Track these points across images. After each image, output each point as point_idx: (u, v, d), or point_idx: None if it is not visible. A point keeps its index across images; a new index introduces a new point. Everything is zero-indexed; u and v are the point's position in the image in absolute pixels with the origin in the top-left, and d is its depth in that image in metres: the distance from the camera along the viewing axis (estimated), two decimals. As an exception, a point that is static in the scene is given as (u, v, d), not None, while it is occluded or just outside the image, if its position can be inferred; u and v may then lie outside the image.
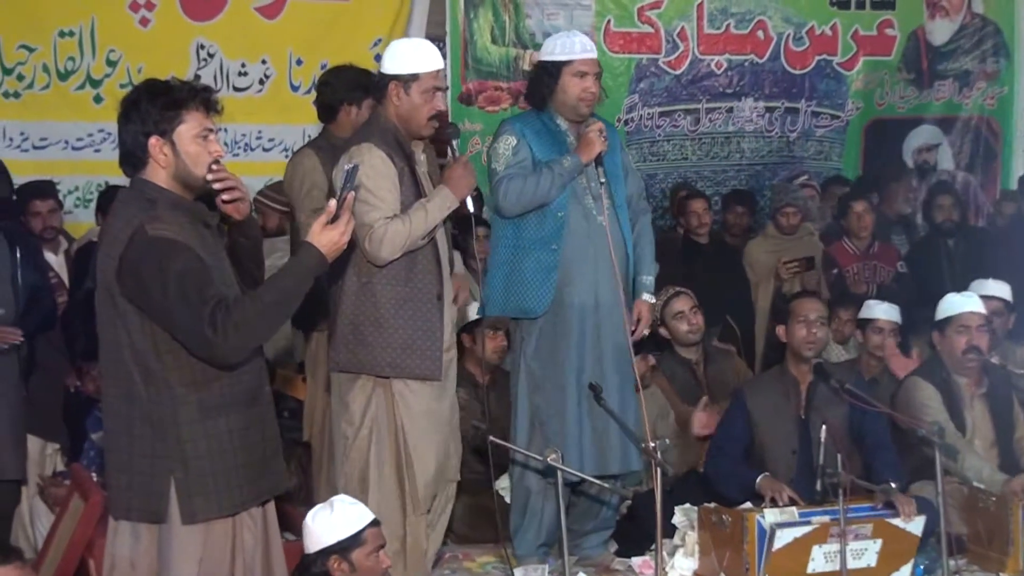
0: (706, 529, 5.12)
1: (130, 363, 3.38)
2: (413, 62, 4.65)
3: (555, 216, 5.05)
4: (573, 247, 5.06)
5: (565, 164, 5.02)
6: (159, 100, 3.38)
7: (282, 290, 3.37)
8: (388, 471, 4.71)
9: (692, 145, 8.86)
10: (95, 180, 6.86)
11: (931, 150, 9.39)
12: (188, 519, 3.39)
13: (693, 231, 7.57)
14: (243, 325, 3.28)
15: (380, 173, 4.57)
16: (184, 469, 3.38)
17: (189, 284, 3.28)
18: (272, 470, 3.59)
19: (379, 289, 4.63)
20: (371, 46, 7.74)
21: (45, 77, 7.17)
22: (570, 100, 5.07)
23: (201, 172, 3.42)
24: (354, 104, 5.58)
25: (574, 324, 5.08)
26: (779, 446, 5.35)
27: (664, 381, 6.31)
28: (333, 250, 3.36)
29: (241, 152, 7.50)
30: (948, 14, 9.33)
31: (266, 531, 3.63)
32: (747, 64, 8.89)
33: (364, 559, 3.96)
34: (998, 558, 5.22)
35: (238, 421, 3.46)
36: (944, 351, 5.67)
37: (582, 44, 5.07)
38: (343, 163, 3.38)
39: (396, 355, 4.64)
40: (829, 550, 4.84)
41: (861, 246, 7.60)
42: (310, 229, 3.39)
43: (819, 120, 9.10)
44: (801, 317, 5.43)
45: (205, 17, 7.46)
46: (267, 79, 7.58)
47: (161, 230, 3.31)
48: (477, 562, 5.45)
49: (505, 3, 8.18)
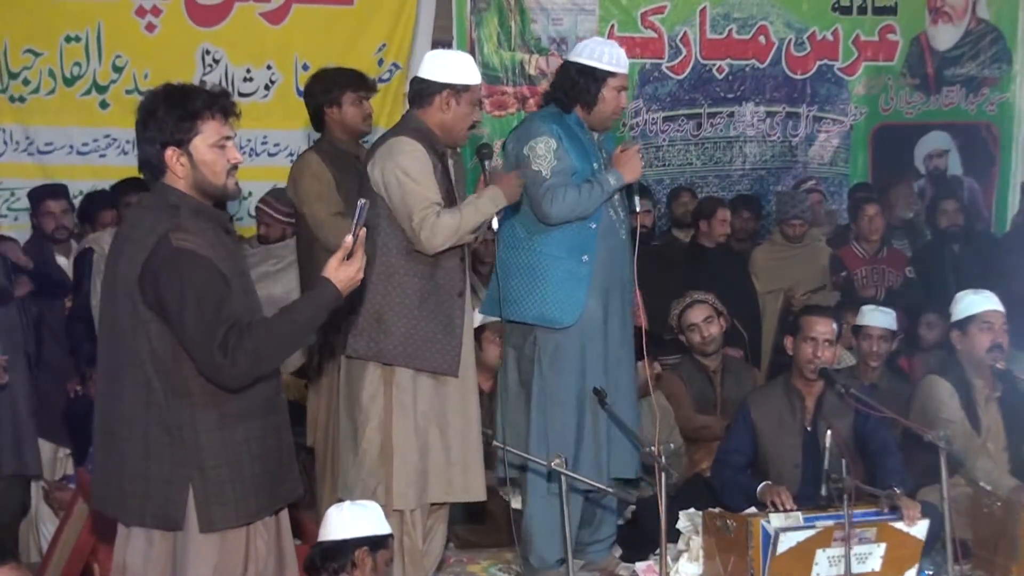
0: (710, 534, 5.11)
1: (150, 370, 3.39)
2: (465, 73, 4.71)
3: (588, 228, 5.04)
4: (599, 260, 5.06)
5: (611, 182, 5.03)
6: (175, 111, 3.39)
7: (296, 323, 3.41)
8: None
9: (695, 150, 8.87)
10: (100, 185, 6.85)
11: (942, 156, 9.40)
12: (206, 527, 3.40)
13: (712, 237, 7.55)
14: (253, 352, 3.31)
15: (423, 163, 4.62)
16: (202, 477, 3.39)
17: (207, 302, 3.30)
18: (287, 478, 3.60)
19: (405, 280, 4.65)
20: (375, 51, 7.75)
21: (51, 82, 7.16)
22: (605, 112, 5.07)
23: (219, 181, 3.45)
24: (334, 104, 5.59)
25: (588, 335, 5.07)
26: (783, 458, 5.35)
27: (680, 385, 6.33)
28: (348, 286, 3.42)
29: (247, 157, 7.49)
30: (951, 19, 9.34)
31: (279, 539, 3.64)
32: (748, 69, 8.89)
33: (383, 563, 4.01)
34: (1004, 564, 5.23)
35: (255, 430, 3.47)
36: (964, 350, 5.62)
37: (625, 59, 5.09)
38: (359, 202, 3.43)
39: (416, 347, 4.65)
40: (833, 554, 4.84)
41: (871, 250, 7.60)
42: (327, 264, 3.43)
43: (821, 125, 9.11)
44: (810, 335, 5.39)
45: (211, 23, 7.46)
46: (273, 84, 7.58)
47: (185, 241, 3.33)
48: (480, 565, 5.47)
49: (511, 8, 8.19)
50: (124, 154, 7.08)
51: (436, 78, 4.71)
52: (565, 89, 5.09)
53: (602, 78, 5.01)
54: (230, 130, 3.46)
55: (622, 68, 5.05)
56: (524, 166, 5.01)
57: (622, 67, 5.05)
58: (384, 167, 4.64)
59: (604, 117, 5.09)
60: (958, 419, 5.29)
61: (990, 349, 5.55)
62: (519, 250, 5.09)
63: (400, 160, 4.61)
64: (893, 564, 4.96)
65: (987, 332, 5.56)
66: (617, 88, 5.04)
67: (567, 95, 5.08)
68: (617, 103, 5.07)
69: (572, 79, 5.07)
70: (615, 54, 5.04)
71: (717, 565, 5.06)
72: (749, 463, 5.42)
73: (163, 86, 3.51)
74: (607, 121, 5.12)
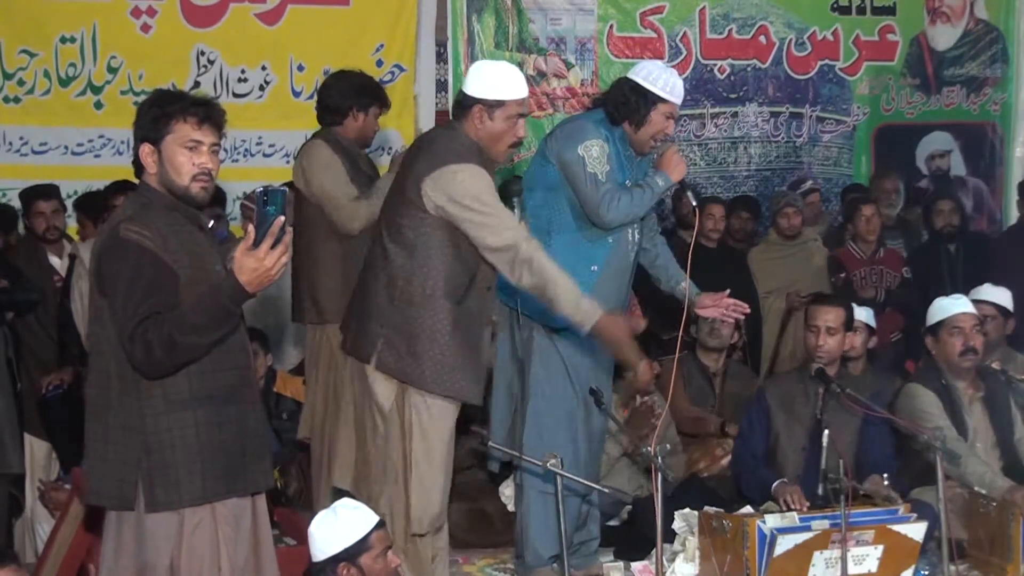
0: (706, 534, 5.10)
1: (108, 356, 3.50)
2: (499, 88, 4.54)
3: (605, 240, 5.03)
4: (606, 274, 5.05)
5: (660, 184, 5.04)
6: (154, 110, 3.52)
7: (202, 314, 3.38)
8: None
9: (699, 151, 8.86)
10: (95, 184, 6.86)
11: (944, 156, 9.38)
12: (150, 507, 3.48)
13: (706, 235, 7.56)
14: (165, 343, 3.35)
15: (488, 181, 4.50)
16: (148, 459, 3.47)
17: (134, 292, 3.38)
18: (253, 468, 3.63)
19: (441, 304, 4.52)
20: (373, 51, 7.75)
21: (46, 82, 7.19)
22: (648, 134, 5.04)
23: (182, 182, 3.51)
24: (362, 111, 5.58)
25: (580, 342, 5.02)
26: (791, 442, 5.38)
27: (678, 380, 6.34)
28: (257, 277, 3.32)
29: (241, 158, 7.51)
30: (950, 20, 9.33)
31: (255, 529, 3.68)
32: (750, 69, 8.89)
33: (372, 563, 3.96)
34: (999, 564, 5.21)
35: (208, 416, 3.51)
36: (939, 355, 5.65)
37: (681, 89, 5.06)
38: (257, 189, 3.36)
39: (444, 373, 4.53)
40: (831, 556, 4.83)
41: (868, 250, 7.58)
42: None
43: (825, 125, 9.10)
44: (813, 323, 5.46)
45: (206, 24, 7.47)
46: (267, 85, 7.59)
47: (132, 232, 3.42)
48: (477, 565, 5.46)
49: (508, 9, 8.18)
50: (119, 154, 7.09)
51: (470, 91, 4.59)
52: (617, 103, 5.06)
53: (653, 101, 4.99)
54: (206, 136, 3.51)
55: (675, 98, 5.02)
56: (574, 166, 4.96)
57: (675, 96, 5.02)
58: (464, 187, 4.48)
59: (646, 139, 5.06)
60: (944, 426, 5.28)
61: (962, 352, 5.55)
62: None
63: (470, 186, 4.46)
64: (890, 565, 4.95)
65: (957, 336, 5.57)
66: (666, 115, 5.02)
67: (618, 109, 5.05)
68: (663, 128, 5.05)
69: (625, 95, 5.04)
70: (672, 82, 5.01)
71: (713, 565, 5.04)
72: (766, 450, 5.44)
73: (156, 90, 3.68)
74: (648, 144, 5.08)
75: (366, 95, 5.59)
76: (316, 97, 5.76)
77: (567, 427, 5.08)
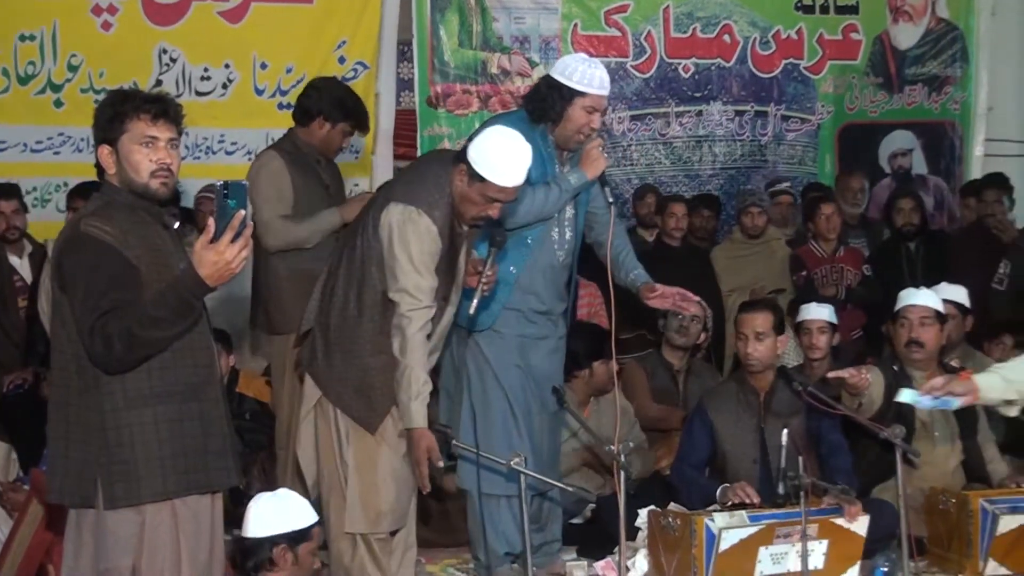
0: (655, 533, 5.08)
1: (68, 353, 3.49)
2: (491, 169, 4.31)
3: (524, 241, 4.96)
4: (526, 276, 4.99)
5: (572, 181, 4.94)
6: (108, 111, 3.52)
7: (161, 308, 3.36)
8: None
9: (664, 149, 8.87)
10: (54, 181, 6.86)
11: (906, 155, 9.44)
12: (109, 504, 3.47)
13: (668, 234, 7.57)
14: (124, 338, 3.33)
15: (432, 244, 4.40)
16: (108, 455, 3.46)
17: (93, 286, 3.36)
18: (216, 466, 3.61)
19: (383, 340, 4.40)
20: (335, 48, 7.73)
21: (5, 80, 7.14)
22: (569, 130, 4.91)
23: (141, 179, 3.50)
24: (329, 121, 5.57)
25: (513, 346, 5.01)
26: (741, 455, 5.35)
27: (641, 375, 6.36)
28: (216, 271, 3.30)
29: (203, 155, 7.49)
30: (911, 19, 9.38)
31: (212, 525, 3.67)
32: (714, 68, 8.90)
33: (307, 555, 3.98)
34: (958, 560, 5.23)
35: (169, 413, 3.50)
36: (894, 343, 5.73)
37: (601, 80, 4.87)
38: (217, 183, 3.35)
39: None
40: (777, 551, 4.83)
41: (828, 249, 7.62)
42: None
43: (789, 124, 9.13)
44: (742, 332, 5.41)
45: (168, 22, 7.43)
46: (230, 83, 7.56)
47: (93, 227, 3.42)
48: (439, 565, 5.46)
49: (472, 7, 8.17)
50: (78, 151, 7.04)
51: (468, 150, 4.40)
52: (535, 102, 4.98)
53: (569, 96, 4.86)
54: (162, 131, 3.50)
55: (595, 89, 4.85)
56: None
57: (595, 88, 4.85)
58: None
59: (570, 135, 4.93)
60: (876, 400, 5.33)
61: (907, 344, 5.60)
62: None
63: None
64: (836, 561, 4.96)
65: (903, 328, 5.63)
66: (586, 108, 4.87)
67: (535, 107, 4.96)
68: (585, 121, 4.89)
69: (542, 93, 4.96)
70: (590, 74, 4.85)
71: (662, 564, 5.02)
72: (707, 462, 5.42)
73: (110, 91, 3.66)
74: (573, 139, 4.96)
75: (340, 109, 5.56)
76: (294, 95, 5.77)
77: (502, 428, 4.99)
